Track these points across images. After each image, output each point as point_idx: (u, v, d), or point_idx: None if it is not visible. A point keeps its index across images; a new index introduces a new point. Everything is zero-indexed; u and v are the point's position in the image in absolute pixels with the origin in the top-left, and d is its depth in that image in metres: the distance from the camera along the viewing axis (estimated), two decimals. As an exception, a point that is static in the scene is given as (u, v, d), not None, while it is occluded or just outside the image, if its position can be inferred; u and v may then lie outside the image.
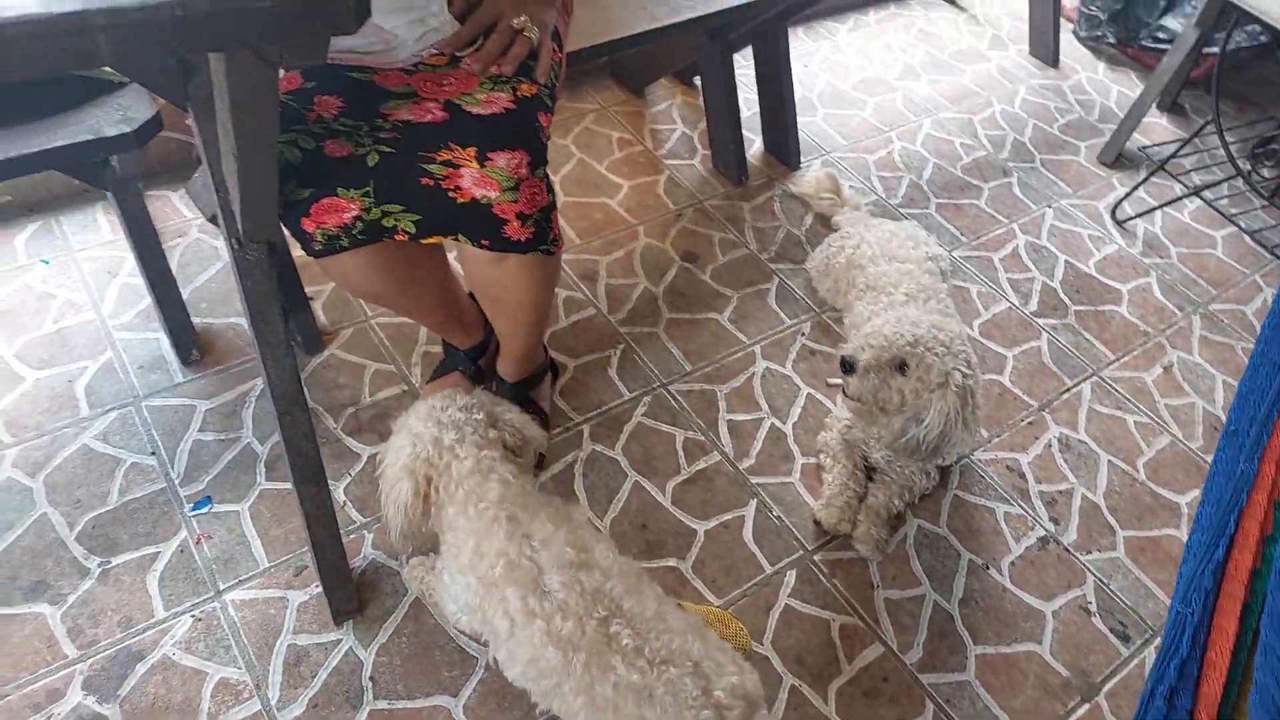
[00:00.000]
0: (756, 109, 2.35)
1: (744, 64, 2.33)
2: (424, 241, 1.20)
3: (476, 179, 1.14)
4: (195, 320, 1.67)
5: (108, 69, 1.37)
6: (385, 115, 1.16)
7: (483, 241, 1.19)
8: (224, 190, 1.15)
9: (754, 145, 2.36)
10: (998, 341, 1.96)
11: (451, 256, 1.65)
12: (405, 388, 1.67)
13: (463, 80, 1.19)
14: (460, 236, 1.20)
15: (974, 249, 2.19)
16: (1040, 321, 2.03)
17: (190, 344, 1.65)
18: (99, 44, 0.66)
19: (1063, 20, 2.93)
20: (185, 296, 1.66)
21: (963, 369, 1.47)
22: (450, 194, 1.15)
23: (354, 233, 1.17)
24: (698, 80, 2.51)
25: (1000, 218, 2.28)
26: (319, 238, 1.17)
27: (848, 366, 1.50)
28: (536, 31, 1.22)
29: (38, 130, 1.31)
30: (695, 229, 2.11)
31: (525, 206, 1.17)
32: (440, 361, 1.65)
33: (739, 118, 2.23)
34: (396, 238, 1.19)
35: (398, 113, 1.16)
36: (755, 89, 2.31)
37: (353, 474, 1.53)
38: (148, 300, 1.72)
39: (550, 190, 1.21)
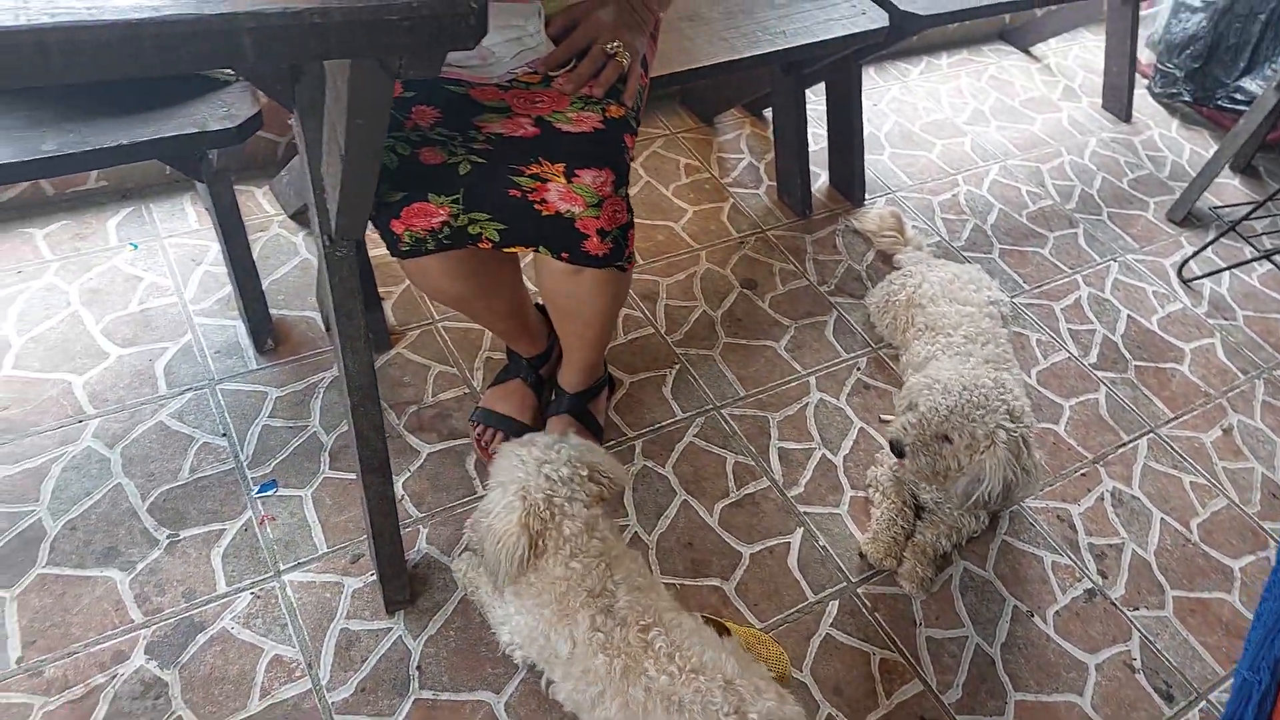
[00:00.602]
0: (824, 144, 2.38)
1: (814, 99, 2.36)
2: (505, 250, 1.25)
3: (562, 193, 1.19)
4: (271, 311, 1.73)
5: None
6: (479, 127, 1.21)
7: (562, 254, 1.24)
8: (321, 188, 1.20)
9: (819, 179, 2.39)
10: (1055, 391, 1.96)
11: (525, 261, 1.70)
12: (466, 390, 1.72)
13: (555, 99, 1.24)
14: (541, 248, 1.24)
15: (1036, 297, 2.19)
16: (1099, 374, 2.02)
17: (266, 333, 1.71)
18: (244, 45, 0.72)
19: (1138, 76, 2.93)
20: (264, 288, 1.73)
21: (1006, 424, 1.48)
22: (536, 206, 1.19)
23: (440, 237, 1.22)
24: (766, 112, 2.56)
25: (1064, 267, 2.28)
26: (406, 239, 1.22)
27: (897, 451, 1.52)
28: (628, 57, 1.27)
29: (148, 121, 1.38)
30: (756, 257, 2.14)
31: (606, 223, 1.21)
32: (503, 368, 1.69)
33: (807, 151, 2.27)
34: (480, 245, 1.24)
35: (491, 126, 1.21)
36: (824, 124, 2.34)
37: (411, 470, 1.58)
38: (228, 289, 1.80)
39: (630, 209, 1.25)
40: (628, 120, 1.27)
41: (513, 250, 1.25)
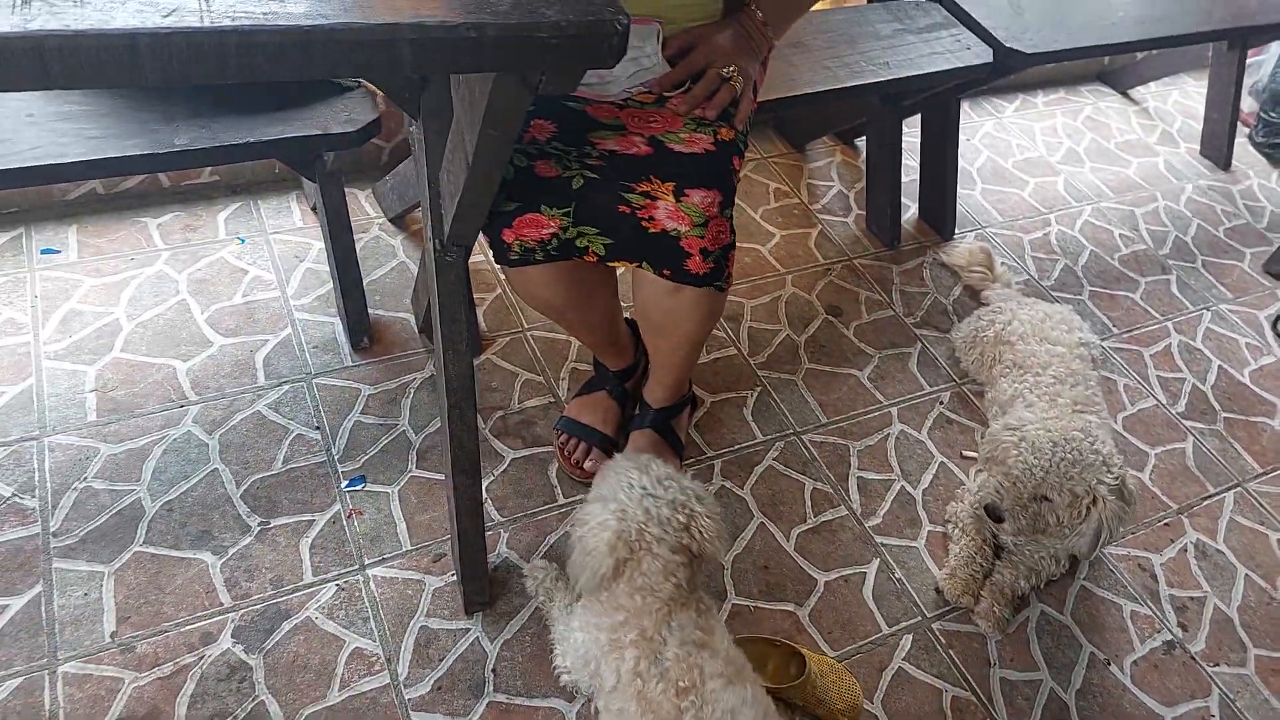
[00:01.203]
0: (915, 175, 2.37)
1: (907, 130, 2.35)
2: (609, 264, 1.27)
3: (670, 212, 1.20)
4: (368, 311, 1.78)
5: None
6: (594, 143, 1.24)
7: (664, 271, 1.25)
8: (437, 194, 1.23)
9: (909, 211, 2.37)
10: (1141, 438, 1.91)
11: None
12: (551, 400, 1.74)
13: (668, 119, 1.26)
14: (645, 263, 1.26)
15: (1125, 341, 2.14)
16: (1187, 424, 1.97)
17: (363, 332, 1.76)
18: (404, 55, 0.75)
19: (1239, 124, 2.86)
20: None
21: (1106, 478, 1.45)
22: (644, 223, 1.21)
23: (548, 248, 1.25)
24: (858, 141, 2.56)
25: (1155, 314, 2.23)
26: (516, 249, 1.25)
27: (995, 517, 1.51)
28: (741, 81, 1.28)
29: (273, 121, 1.44)
30: (842, 285, 2.14)
31: (710, 243, 1.23)
32: (589, 379, 1.71)
33: (900, 182, 2.26)
34: (585, 258, 1.26)
35: (605, 142, 1.24)
36: (917, 155, 2.33)
37: (495, 474, 1.60)
38: (328, 286, 1.85)
39: (733, 231, 1.27)
40: (737, 143, 1.29)
41: (617, 265, 1.27)
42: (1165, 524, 1.77)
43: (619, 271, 1.70)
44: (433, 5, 0.76)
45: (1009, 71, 2.04)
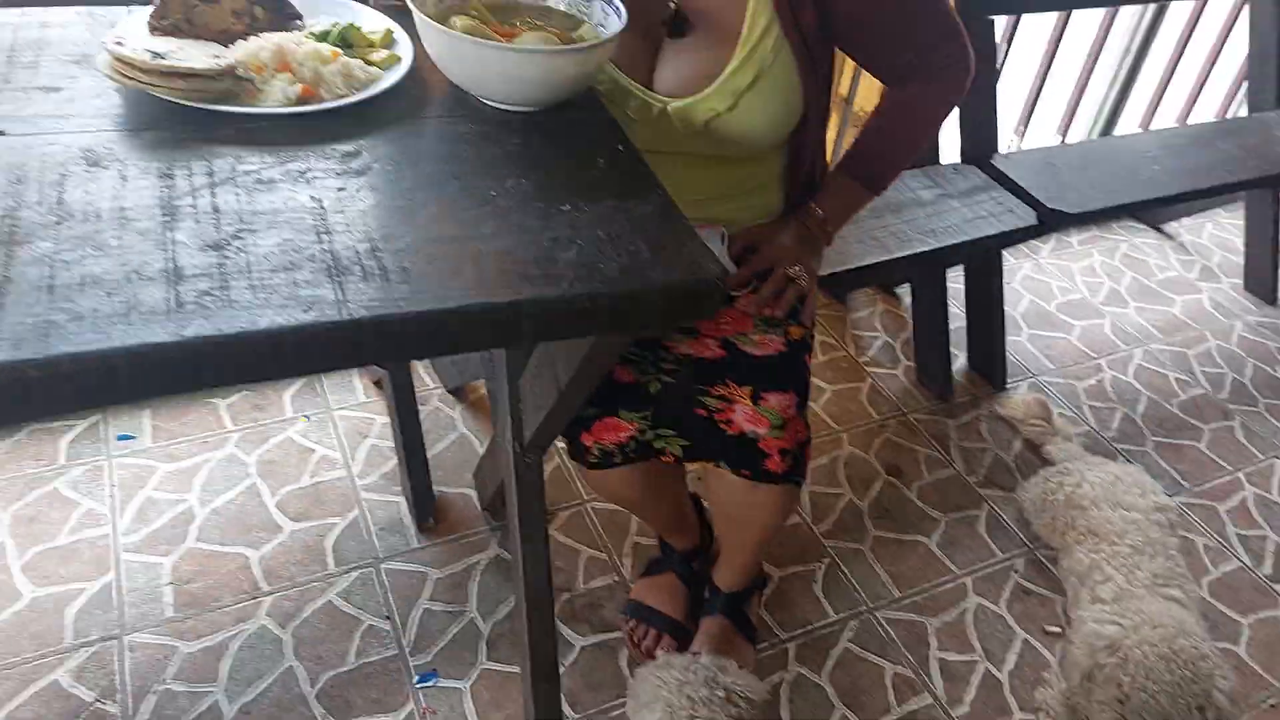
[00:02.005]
0: (961, 323, 2.39)
1: (949, 275, 2.38)
2: (687, 465, 1.28)
3: (748, 415, 1.22)
4: (432, 487, 1.79)
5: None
6: (668, 348, 1.26)
7: (744, 471, 1.26)
8: (517, 400, 1.26)
9: (958, 360, 2.39)
10: (1230, 605, 1.85)
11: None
12: (616, 578, 1.73)
13: (738, 320, 1.29)
14: (723, 464, 1.27)
15: (1197, 496, 2.10)
16: (1277, 588, 1.91)
17: (428, 511, 1.76)
18: (524, 327, 0.78)
19: (1280, 256, 2.87)
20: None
21: (1221, 684, 1.41)
22: (722, 426, 1.23)
23: (627, 451, 1.26)
24: (899, 290, 2.59)
25: (1224, 464, 2.20)
26: (595, 452, 1.27)
27: None
28: (806, 279, 1.32)
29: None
30: (899, 442, 2.13)
31: (788, 443, 1.24)
32: (654, 559, 1.70)
33: (947, 333, 2.28)
34: (663, 459, 1.27)
35: (680, 347, 1.26)
36: (961, 300, 2.36)
37: (565, 664, 1.58)
38: (392, 462, 1.87)
39: (808, 426, 1.28)
40: (806, 340, 1.31)
41: (695, 466, 1.28)
42: (1272, 704, 1.69)
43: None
44: (545, 277, 0.79)
45: (1052, 230, 2.09)
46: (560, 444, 1.63)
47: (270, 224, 0.80)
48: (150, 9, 0.99)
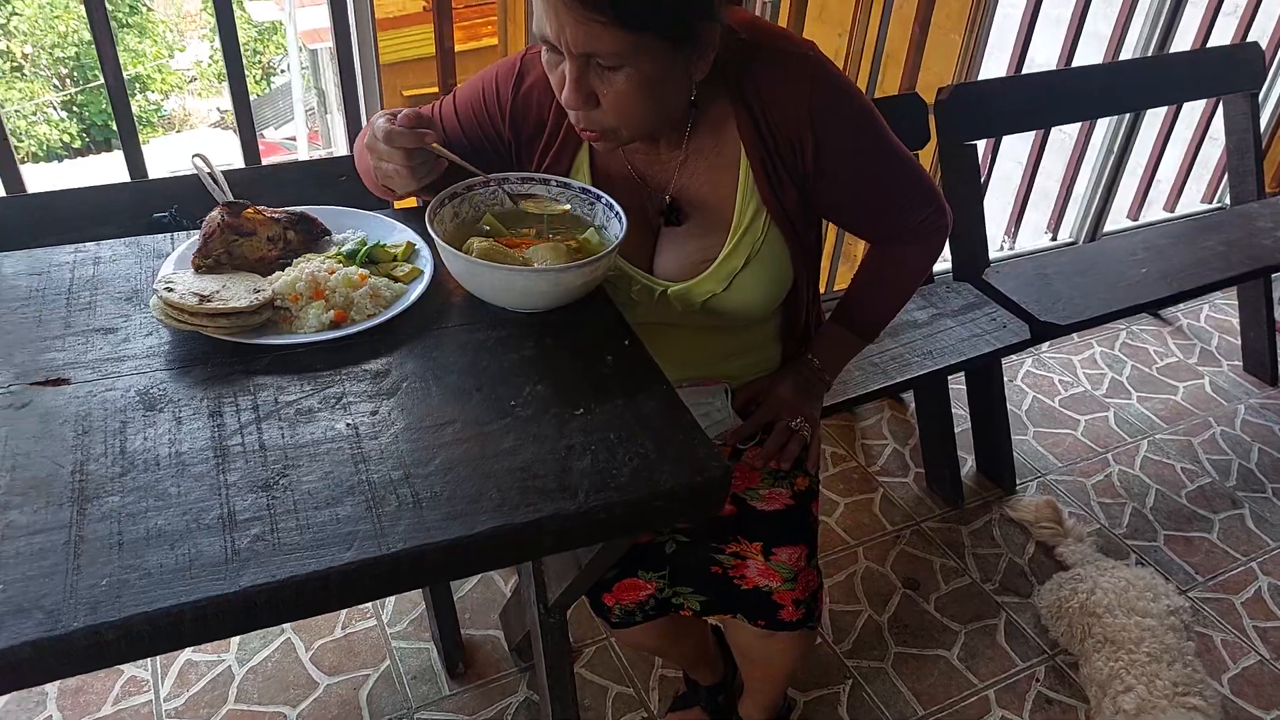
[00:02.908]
0: (967, 425, 2.44)
1: (952, 380, 2.44)
2: (704, 617, 1.33)
3: (760, 570, 1.28)
4: (460, 631, 1.84)
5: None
6: (682, 506, 1.33)
7: (759, 622, 1.31)
8: (540, 566, 1.32)
9: (967, 464, 2.44)
10: (1252, 701, 1.87)
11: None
12: (645, 715, 1.76)
13: (745, 474, 1.36)
14: (739, 615, 1.32)
15: (1211, 589, 2.13)
16: (1298, 682, 1.92)
17: (457, 656, 1.81)
18: (545, 541, 0.85)
19: (1278, 335, 2.93)
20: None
21: None
22: (736, 581, 1.29)
23: (647, 609, 1.32)
24: (903, 395, 2.66)
25: (1236, 554, 2.22)
26: (617, 612, 1.32)
27: None
28: (809, 429, 1.39)
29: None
30: (914, 552, 2.17)
31: (800, 593, 1.29)
32: (680, 694, 1.73)
33: (953, 438, 2.33)
34: (682, 613, 1.33)
35: (693, 504, 1.33)
36: (964, 401, 2.42)
37: (600, 808, 1.60)
38: (420, 608, 1.93)
39: (820, 573, 1.33)
40: (813, 489, 1.37)
41: (711, 618, 1.33)
42: (1296, 803, 1.69)
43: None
44: (561, 490, 0.87)
45: (1047, 340, 2.16)
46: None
47: (312, 456, 0.88)
48: (192, 243, 1.09)
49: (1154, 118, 2.93)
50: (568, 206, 1.19)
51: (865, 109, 1.17)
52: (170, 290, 0.99)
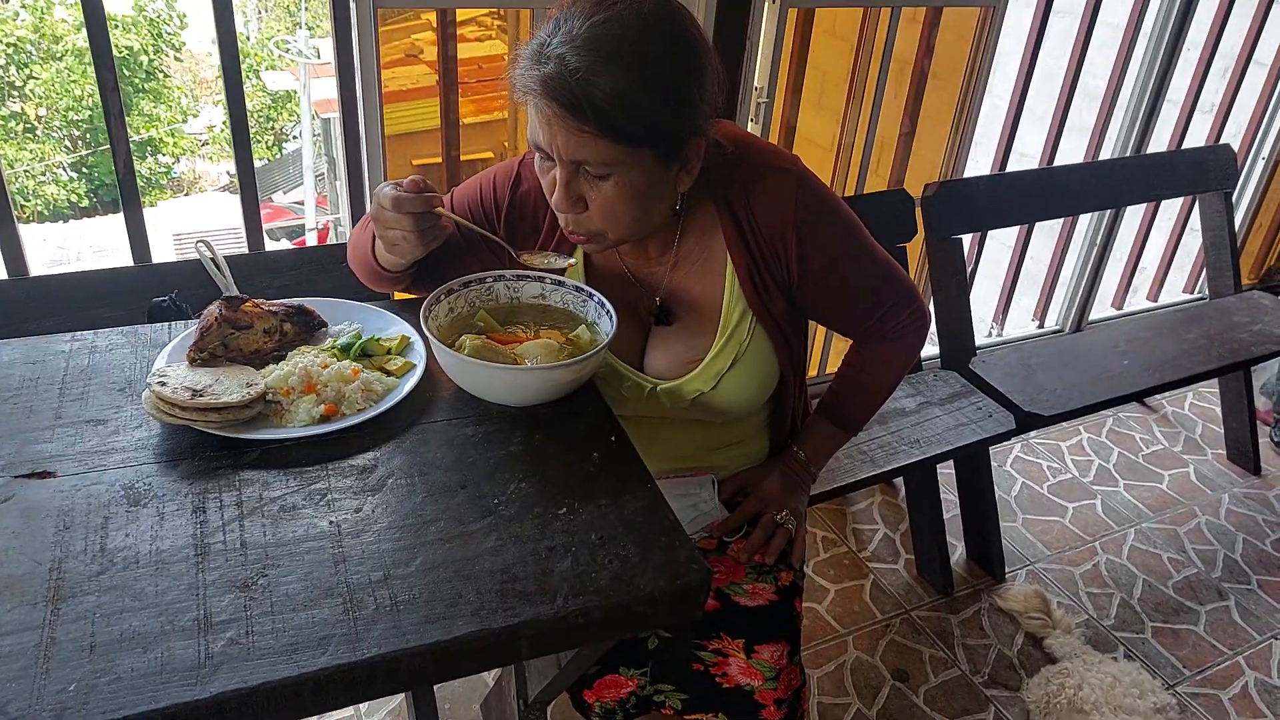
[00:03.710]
0: (957, 511, 2.44)
1: (941, 467, 2.45)
2: (685, 718, 1.31)
3: (742, 668, 1.27)
4: (442, 721, 1.81)
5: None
6: (665, 600, 1.33)
7: (741, 721, 1.30)
8: (521, 666, 1.31)
9: (957, 550, 2.43)
10: (1244, 807, 1.83)
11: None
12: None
13: (730, 568, 1.36)
14: (720, 715, 1.30)
15: (1198, 684, 2.11)
16: (1290, 786, 1.89)
17: (436, 747, 1.77)
18: (522, 646, 0.85)
19: (1260, 423, 2.96)
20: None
21: None
22: (717, 679, 1.27)
23: (628, 706, 1.30)
24: (895, 481, 2.66)
25: (1223, 648, 2.21)
26: (598, 709, 1.31)
27: None
28: (794, 522, 1.39)
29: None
30: (904, 643, 2.15)
31: (781, 692, 1.28)
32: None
33: (943, 527, 2.33)
34: (663, 712, 1.31)
35: (676, 599, 1.33)
36: (954, 486, 2.42)
37: None
38: (399, 700, 1.89)
39: (803, 671, 1.32)
40: (796, 583, 1.37)
41: (693, 718, 1.32)
42: None
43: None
44: (541, 594, 0.87)
45: (1032, 430, 2.18)
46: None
47: (292, 555, 0.88)
48: (188, 335, 1.11)
49: (1136, 210, 3.00)
50: (573, 261, 1.21)
51: (848, 219, 1.21)
52: (163, 385, 1.00)
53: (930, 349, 2.35)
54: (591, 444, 1.07)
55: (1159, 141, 2.88)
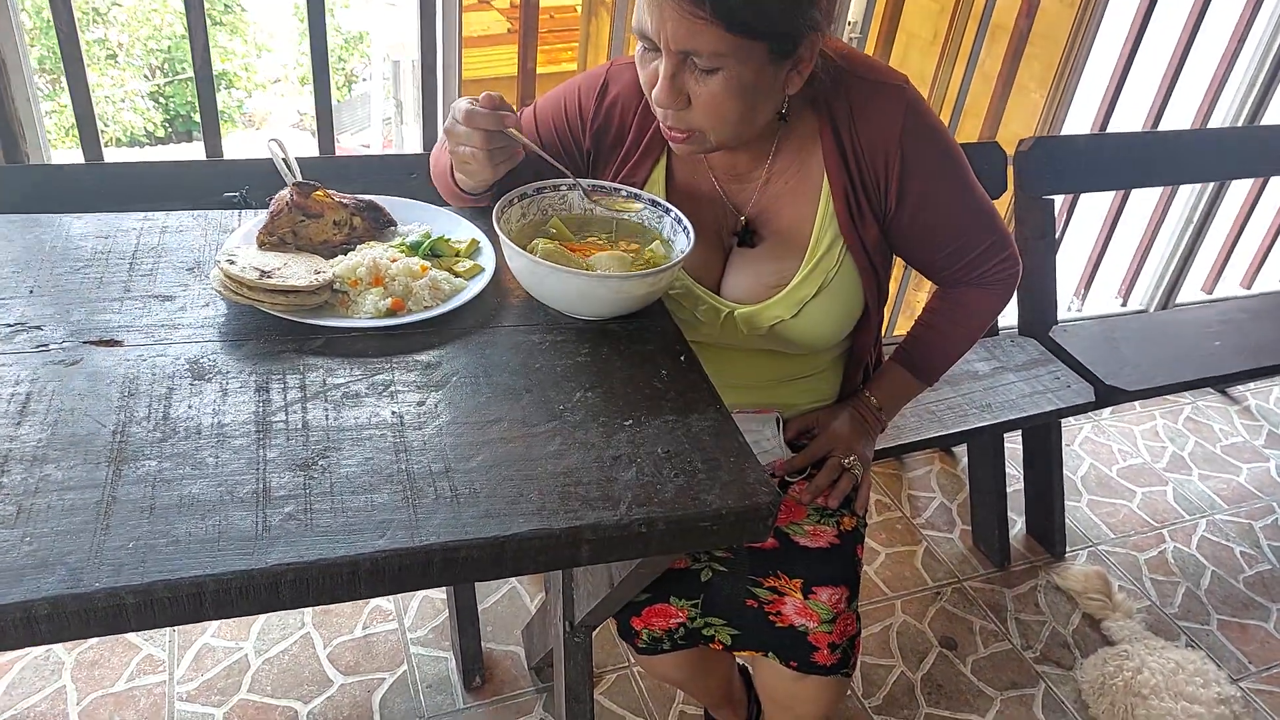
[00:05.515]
0: (1019, 486, 2.36)
1: (1007, 438, 2.37)
2: (735, 654, 1.28)
3: (798, 608, 1.23)
4: (481, 644, 1.81)
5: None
6: (722, 535, 1.29)
7: (791, 663, 1.26)
8: (571, 581, 1.29)
9: (1016, 526, 2.35)
10: (1305, 809, 1.75)
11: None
12: (662, 749, 1.70)
13: (791, 508, 1.31)
14: (771, 654, 1.27)
15: (1264, 681, 2.01)
16: (1357, 793, 1.80)
17: (476, 669, 1.77)
18: (582, 550, 0.82)
19: (1351, 425, 2.81)
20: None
21: None
22: (771, 618, 1.24)
23: (675, 637, 1.27)
24: (956, 449, 2.58)
25: (1294, 648, 2.11)
26: (644, 637, 1.28)
27: None
28: (860, 468, 1.34)
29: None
30: (955, 611, 2.09)
31: (837, 636, 1.23)
32: (702, 732, 1.68)
33: (1005, 500, 2.25)
34: (712, 646, 1.28)
35: (733, 534, 1.29)
36: (1019, 462, 2.34)
37: (607, 841, 1.54)
38: (443, 616, 1.90)
39: (858, 619, 1.28)
40: (859, 530, 1.32)
41: (742, 654, 1.28)
42: None
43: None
44: (604, 499, 0.84)
45: (1111, 405, 2.08)
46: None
47: (354, 441, 0.86)
48: (259, 220, 1.09)
49: (1238, 190, 2.84)
50: (642, 206, 1.16)
51: (953, 149, 1.14)
52: (232, 263, 0.98)
53: (1007, 316, 2.25)
54: (660, 362, 1.03)
55: (1275, 114, 2.70)
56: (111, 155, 1.64)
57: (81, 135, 1.56)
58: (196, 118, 1.61)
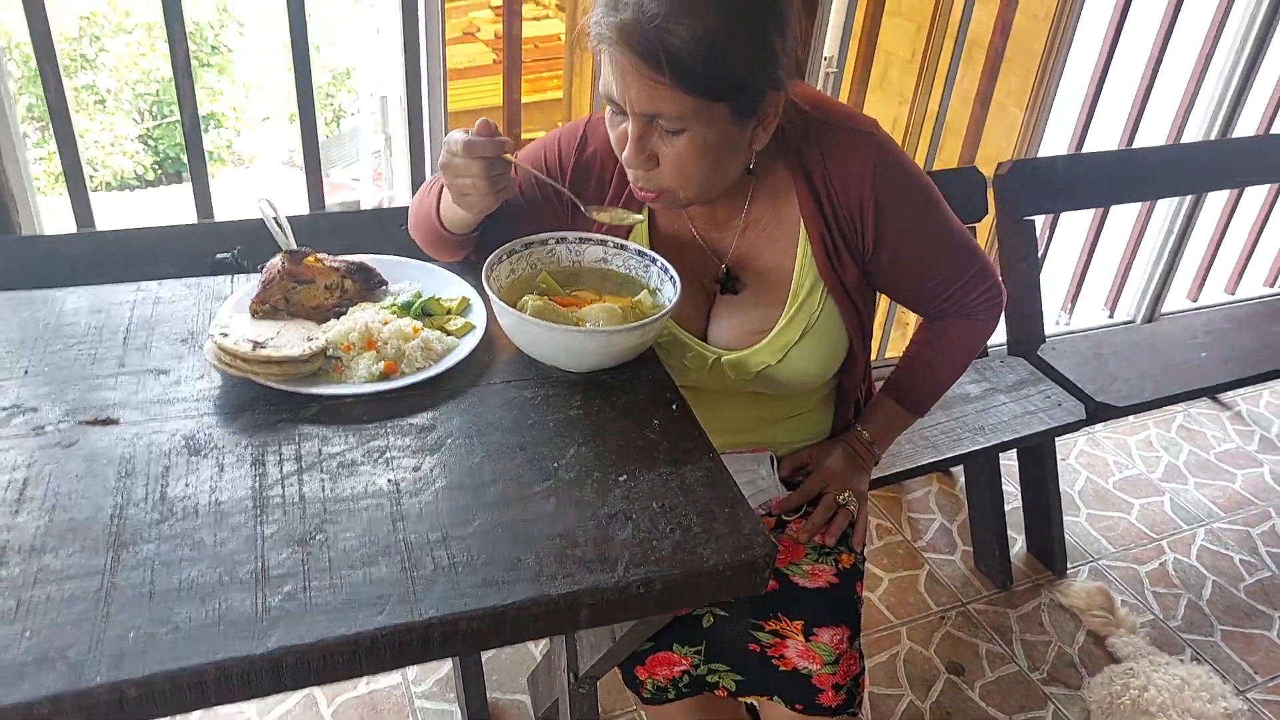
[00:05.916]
0: (1017, 504, 2.37)
1: (1003, 457, 2.38)
2: (739, 698, 1.28)
3: (800, 651, 1.23)
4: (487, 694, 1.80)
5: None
6: (722, 578, 1.29)
7: (797, 706, 1.26)
8: (573, 635, 1.29)
9: (1016, 544, 2.35)
10: (1318, 821, 1.75)
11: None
12: (672, 790, 1.69)
13: (790, 548, 1.32)
14: (775, 698, 1.27)
15: (1270, 691, 2.01)
16: (1369, 802, 1.80)
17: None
18: (581, 614, 0.82)
19: (1343, 427, 2.82)
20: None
21: None
22: (774, 661, 1.24)
23: (680, 685, 1.27)
24: (953, 469, 2.59)
25: (1299, 657, 2.11)
26: (649, 686, 1.28)
27: None
28: (856, 504, 1.35)
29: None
30: (960, 635, 2.09)
31: (840, 677, 1.24)
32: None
33: (1004, 520, 2.26)
34: (716, 692, 1.28)
35: (733, 577, 1.29)
36: (1015, 478, 2.34)
37: None
38: (447, 668, 1.89)
39: (861, 657, 1.28)
40: (857, 566, 1.33)
41: (747, 699, 1.28)
42: None
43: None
44: (601, 561, 0.84)
45: (1102, 421, 2.09)
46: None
47: (350, 512, 0.86)
48: (251, 288, 1.10)
49: (1217, 198, 2.87)
50: (641, 218, 1.17)
51: (926, 188, 1.15)
52: (225, 335, 0.99)
53: (996, 336, 2.26)
54: (652, 412, 1.04)
55: (1245, 127, 2.74)
56: (101, 200, 1.65)
57: (70, 188, 1.57)
58: (185, 159, 1.62)
